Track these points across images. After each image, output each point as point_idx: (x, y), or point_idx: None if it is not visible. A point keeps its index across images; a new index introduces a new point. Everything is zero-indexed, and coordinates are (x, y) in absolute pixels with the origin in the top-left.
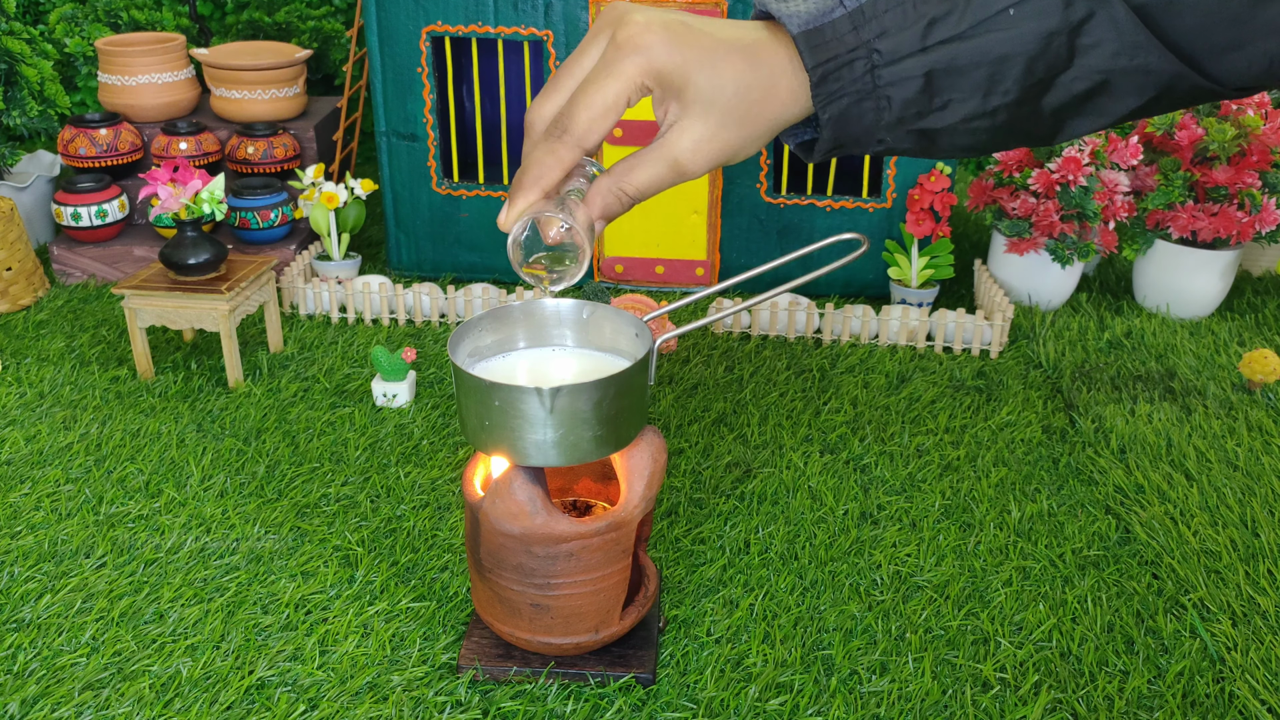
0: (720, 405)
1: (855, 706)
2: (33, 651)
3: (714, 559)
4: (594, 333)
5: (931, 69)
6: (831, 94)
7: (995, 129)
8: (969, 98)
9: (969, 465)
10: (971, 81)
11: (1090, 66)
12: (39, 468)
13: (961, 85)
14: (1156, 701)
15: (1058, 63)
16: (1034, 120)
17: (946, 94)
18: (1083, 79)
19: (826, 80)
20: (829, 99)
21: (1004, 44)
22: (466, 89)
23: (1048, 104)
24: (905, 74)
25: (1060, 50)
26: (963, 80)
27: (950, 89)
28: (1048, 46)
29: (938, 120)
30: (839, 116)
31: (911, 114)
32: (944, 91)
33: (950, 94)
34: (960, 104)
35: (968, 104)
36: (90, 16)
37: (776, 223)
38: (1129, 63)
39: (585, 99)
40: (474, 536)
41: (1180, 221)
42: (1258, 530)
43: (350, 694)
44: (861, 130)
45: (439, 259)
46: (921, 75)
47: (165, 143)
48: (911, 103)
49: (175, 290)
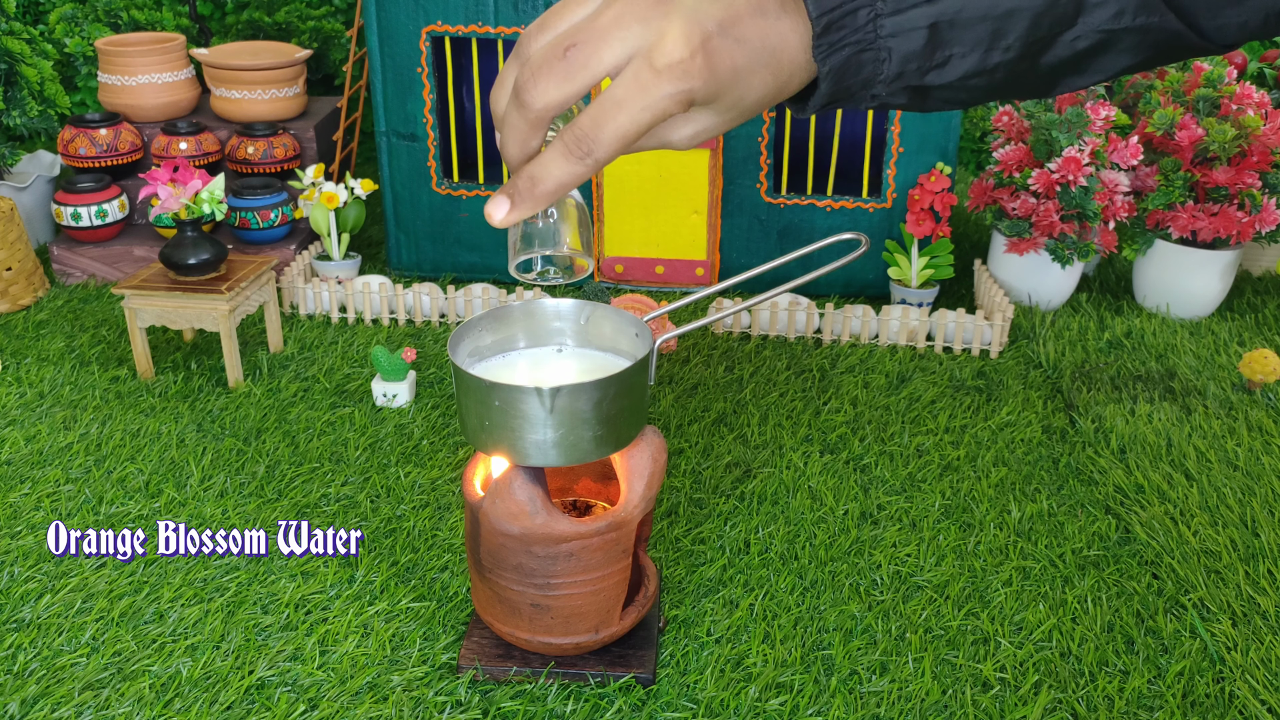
0: (720, 405)
1: (855, 706)
2: (33, 651)
3: (714, 559)
4: (594, 333)
5: (936, 20)
6: (833, 44)
7: (991, 87)
8: (970, 53)
9: (969, 465)
10: (975, 35)
11: (1093, 25)
12: (39, 468)
13: (965, 39)
14: (1156, 701)
15: (1063, 19)
16: (1029, 77)
17: (949, 48)
18: (1085, 37)
19: (829, 30)
20: (830, 49)
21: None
22: (466, 89)
23: (1046, 61)
24: (909, 25)
25: (1067, 6)
26: (966, 34)
27: (953, 43)
28: (1055, 2)
29: (936, 77)
30: (839, 68)
31: (911, 69)
32: (946, 45)
33: (952, 48)
34: (961, 60)
35: (968, 59)
36: (90, 16)
37: (776, 223)
38: (1131, 22)
39: (614, 124)
40: (474, 536)
41: (1180, 221)
42: (1258, 530)
43: (350, 694)
44: (858, 83)
45: (439, 259)
46: (926, 27)
47: (165, 143)
48: (912, 57)
49: (175, 290)
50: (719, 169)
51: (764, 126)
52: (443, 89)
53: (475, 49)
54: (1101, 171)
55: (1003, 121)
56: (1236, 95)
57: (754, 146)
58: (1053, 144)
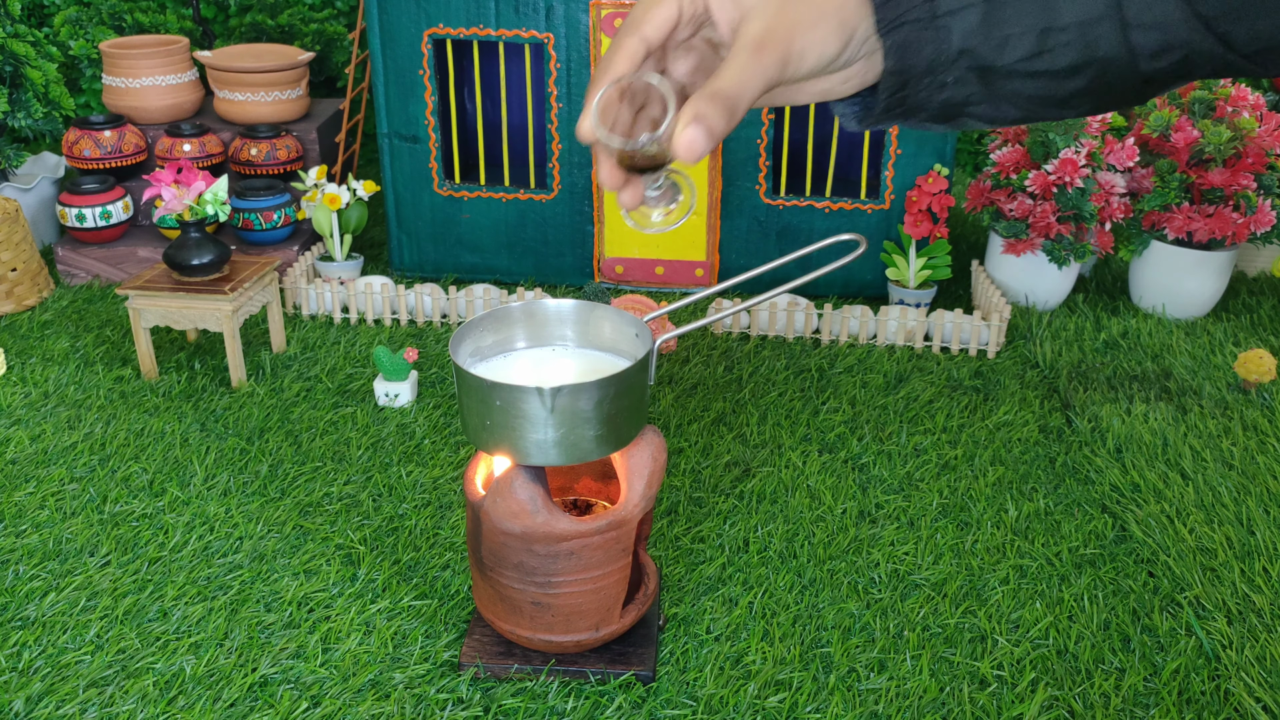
0: (720, 405)
1: (854, 704)
2: (38, 649)
3: (713, 557)
4: (594, 333)
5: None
6: (892, 20)
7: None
8: (1026, 33)
9: (966, 464)
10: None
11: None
12: (44, 467)
13: (1020, 19)
14: (1153, 699)
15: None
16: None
17: (1005, 27)
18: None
19: (888, 5)
20: (891, 25)
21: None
22: (468, 91)
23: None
24: (964, 2)
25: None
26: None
27: (1008, 21)
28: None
29: (998, 57)
30: (901, 45)
31: (973, 45)
32: (1002, 25)
33: (1009, 28)
34: (1019, 40)
35: (1025, 40)
36: (95, 19)
37: (776, 224)
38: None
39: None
40: (475, 535)
41: (1176, 223)
42: (1253, 528)
43: (353, 691)
44: (923, 64)
45: (440, 260)
46: (981, 4)
47: (169, 144)
48: (971, 33)
49: (179, 291)
50: (718, 171)
51: (763, 129)
52: (444, 91)
53: (476, 51)
54: (1098, 173)
55: None
56: (1231, 98)
57: (753, 148)
58: (1049, 146)
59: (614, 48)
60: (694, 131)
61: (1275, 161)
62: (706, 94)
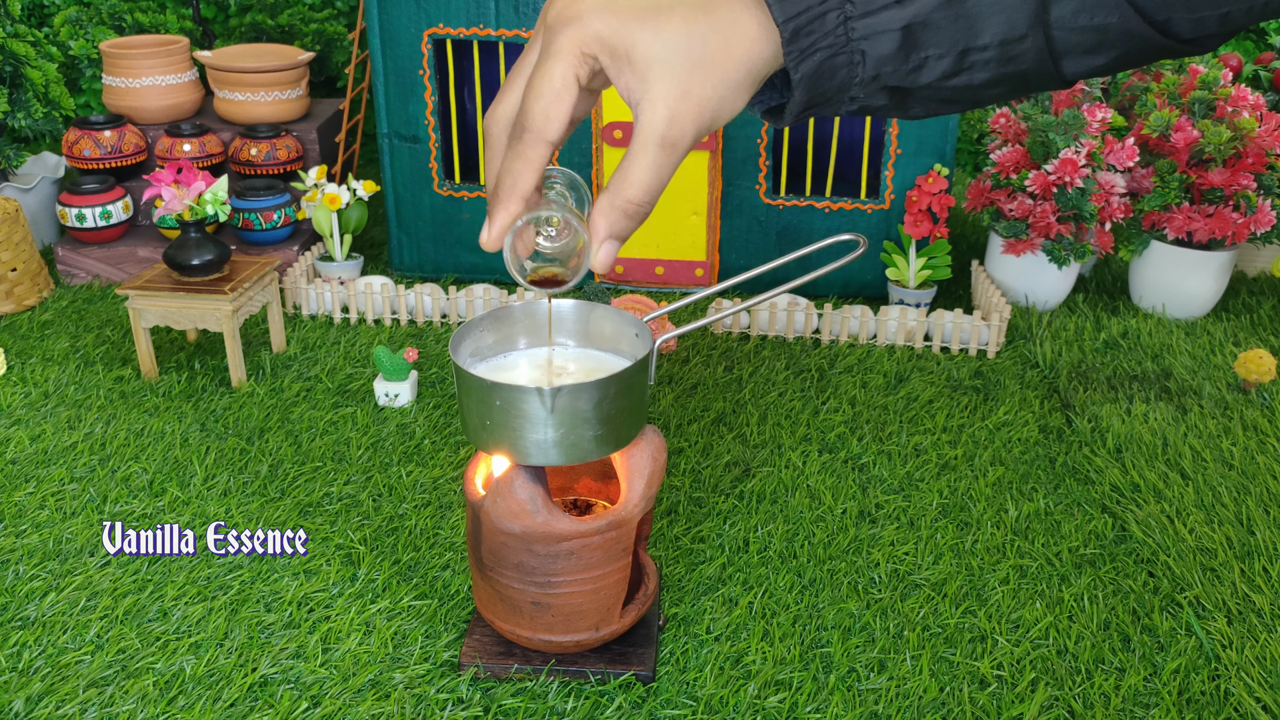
0: (719, 405)
1: (854, 704)
2: (38, 649)
3: (713, 557)
4: (594, 333)
5: (909, 22)
6: (804, 50)
7: (969, 88)
8: (946, 54)
9: (966, 464)
10: (950, 36)
11: (1063, 23)
12: (44, 467)
13: (940, 41)
14: (1152, 699)
15: (1035, 17)
16: (1007, 80)
17: (924, 50)
18: (1055, 37)
19: (798, 36)
20: (802, 55)
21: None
22: (468, 91)
23: (1021, 63)
24: (881, 27)
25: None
26: (941, 35)
27: (928, 44)
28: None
29: (913, 79)
30: (812, 74)
31: (887, 72)
32: (921, 47)
33: (928, 50)
34: (937, 61)
35: (944, 61)
36: (95, 19)
37: (775, 224)
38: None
39: (534, 90)
40: (475, 535)
41: (1176, 223)
42: (1253, 528)
43: (352, 691)
44: (834, 88)
45: (440, 260)
46: (899, 29)
47: (169, 144)
48: (887, 60)
49: (179, 291)
50: (718, 171)
51: (763, 128)
52: (444, 91)
53: (476, 51)
54: (1098, 173)
55: (1000, 123)
56: (1231, 97)
57: (753, 148)
58: (1049, 146)
59: (519, 155)
60: (609, 247)
61: (1275, 161)
62: (618, 206)
